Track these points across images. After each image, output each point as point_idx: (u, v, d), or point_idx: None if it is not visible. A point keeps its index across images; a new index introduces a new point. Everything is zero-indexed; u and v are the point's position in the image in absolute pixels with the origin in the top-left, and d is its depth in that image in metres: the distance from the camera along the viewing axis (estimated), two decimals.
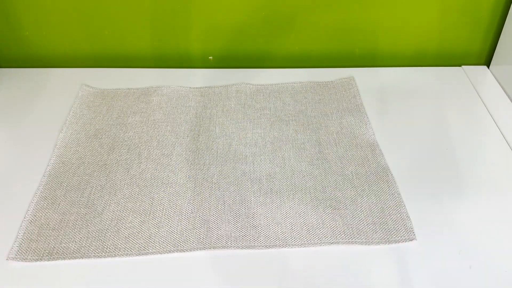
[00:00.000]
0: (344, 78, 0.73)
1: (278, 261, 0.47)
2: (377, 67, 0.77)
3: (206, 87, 0.72)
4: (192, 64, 0.79)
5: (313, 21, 0.74)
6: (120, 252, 0.47)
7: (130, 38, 0.76)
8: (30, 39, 0.75)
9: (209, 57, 0.78)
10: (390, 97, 0.70)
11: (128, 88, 0.71)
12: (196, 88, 0.72)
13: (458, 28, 0.76)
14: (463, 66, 0.77)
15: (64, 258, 0.47)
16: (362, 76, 0.74)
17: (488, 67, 0.77)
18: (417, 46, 0.78)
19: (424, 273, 0.45)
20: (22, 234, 0.49)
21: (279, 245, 0.48)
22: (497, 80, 0.74)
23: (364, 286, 0.44)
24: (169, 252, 0.47)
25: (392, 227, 0.49)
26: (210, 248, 0.48)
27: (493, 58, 0.76)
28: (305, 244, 0.48)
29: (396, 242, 0.48)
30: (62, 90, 0.71)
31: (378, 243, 0.48)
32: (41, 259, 0.46)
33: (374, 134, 0.62)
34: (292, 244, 0.48)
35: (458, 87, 0.72)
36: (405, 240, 0.48)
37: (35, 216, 0.51)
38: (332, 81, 0.73)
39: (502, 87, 0.72)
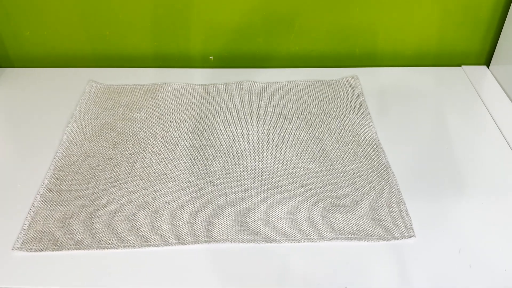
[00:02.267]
0: (348, 77, 0.73)
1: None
2: (377, 67, 0.77)
3: (211, 84, 0.73)
4: (192, 64, 0.80)
5: (313, 21, 0.74)
6: (123, 244, 0.48)
7: (130, 38, 0.77)
8: (30, 39, 0.76)
9: (210, 57, 0.79)
10: (390, 97, 0.70)
11: (134, 84, 0.72)
12: (201, 85, 0.72)
13: (458, 28, 0.76)
14: (463, 66, 0.77)
15: (68, 249, 0.48)
16: (362, 76, 0.74)
17: (488, 67, 0.77)
18: (417, 46, 0.78)
19: (424, 272, 0.46)
20: (27, 225, 0.50)
21: (279, 240, 0.48)
22: (497, 80, 0.74)
23: (362, 282, 0.45)
24: (171, 244, 0.48)
25: (391, 224, 0.50)
26: (211, 241, 0.48)
27: (493, 58, 0.76)
28: (304, 239, 0.48)
29: (395, 239, 0.48)
30: (65, 88, 0.72)
31: (377, 239, 0.48)
32: (45, 250, 0.47)
33: (376, 133, 0.62)
34: (291, 239, 0.48)
35: (458, 87, 0.72)
36: (404, 237, 0.48)
37: (41, 207, 0.52)
38: (336, 80, 0.73)
39: (502, 87, 0.72)
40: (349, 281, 0.45)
